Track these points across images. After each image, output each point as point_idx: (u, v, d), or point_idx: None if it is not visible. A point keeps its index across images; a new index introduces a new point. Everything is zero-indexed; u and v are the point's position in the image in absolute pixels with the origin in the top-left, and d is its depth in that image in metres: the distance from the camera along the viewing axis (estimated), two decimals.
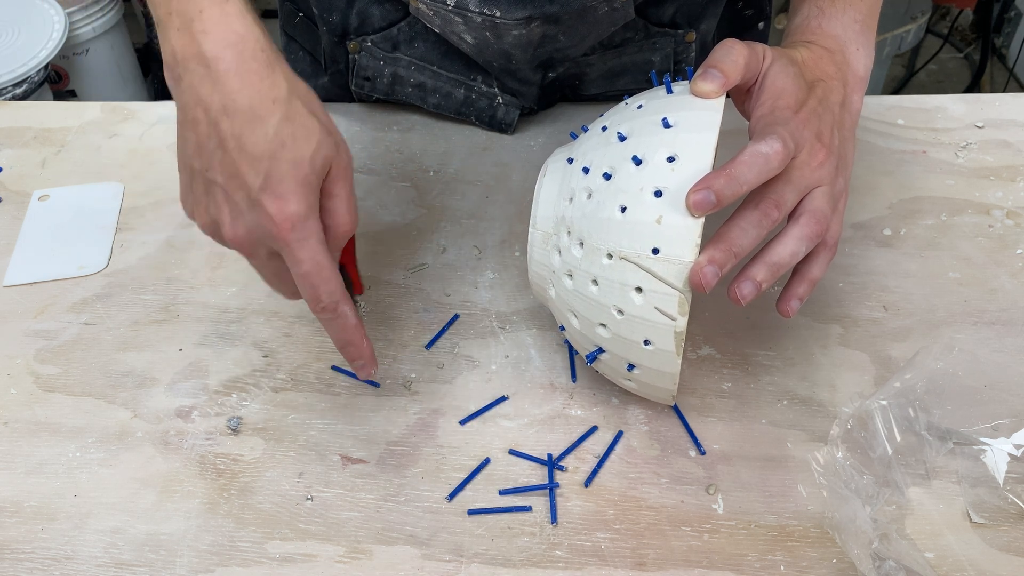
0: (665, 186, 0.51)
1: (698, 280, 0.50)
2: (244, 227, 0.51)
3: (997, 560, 0.55)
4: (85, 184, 0.82)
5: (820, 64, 0.59)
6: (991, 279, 0.71)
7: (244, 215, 0.51)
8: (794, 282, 0.57)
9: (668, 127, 0.53)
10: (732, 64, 0.54)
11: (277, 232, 0.50)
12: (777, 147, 0.50)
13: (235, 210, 0.51)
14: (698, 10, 0.80)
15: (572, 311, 0.57)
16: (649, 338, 0.53)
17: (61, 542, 0.58)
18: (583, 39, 0.77)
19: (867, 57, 0.62)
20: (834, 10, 0.62)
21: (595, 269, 0.54)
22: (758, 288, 0.53)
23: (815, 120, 0.55)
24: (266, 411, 0.65)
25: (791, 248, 0.54)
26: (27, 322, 0.71)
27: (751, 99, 0.57)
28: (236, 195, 0.50)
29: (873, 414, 0.58)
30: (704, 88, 0.53)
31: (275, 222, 0.50)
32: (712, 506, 0.58)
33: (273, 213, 0.49)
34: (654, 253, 0.51)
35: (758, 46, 0.56)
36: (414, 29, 0.80)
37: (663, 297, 0.52)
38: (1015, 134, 0.82)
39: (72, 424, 0.64)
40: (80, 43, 1.73)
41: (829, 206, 0.55)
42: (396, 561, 0.56)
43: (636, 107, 0.56)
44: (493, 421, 0.63)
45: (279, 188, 0.49)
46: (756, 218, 0.52)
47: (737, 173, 0.50)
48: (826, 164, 0.55)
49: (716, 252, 0.51)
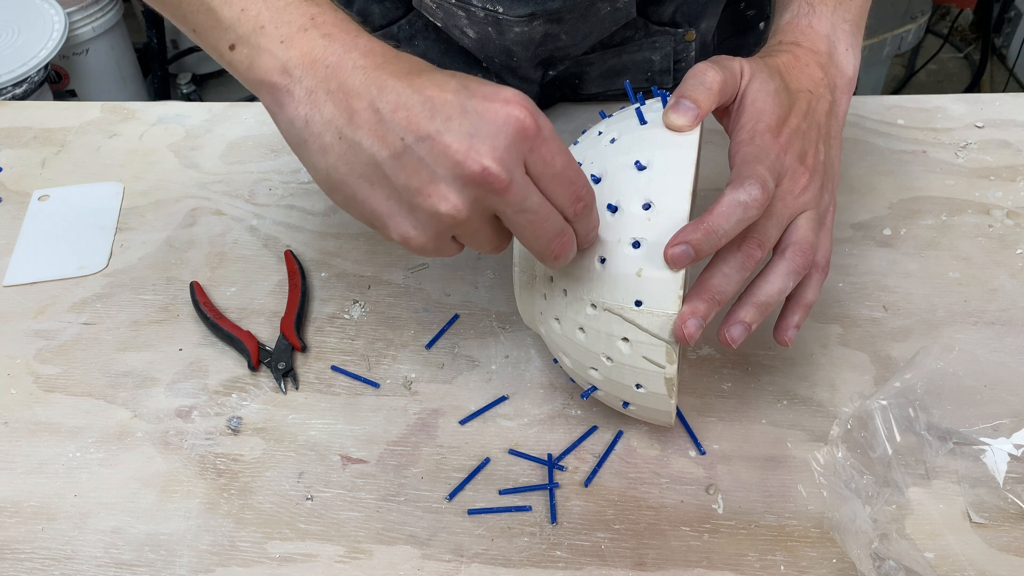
0: (643, 237, 0.50)
1: (681, 334, 0.50)
2: (461, 200, 0.45)
3: (997, 560, 0.55)
4: (85, 184, 0.82)
5: (806, 70, 0.58)
6: (991, 279, 0.71)
7: (455, 187, 0.45)
8: (789, 310, 0.56)
9: (642, 169, 0.51)
10: (705, 92, 0.52)
11: (498, 187, 0.44)
12: (756, 194, 0.49)
13: (445, 188, 0.45)
14: (698, 9, 0.80)
15: (563, 352, 0.57)
16: (640, 383, 0.53)
17: (61, 542, 0.58)
18: (584, 38, 0.77)
19: (855, 58, 0.61)
20: (825, 8, 0.61)
21: (580, 318, 0.53)
22: (748, 329, 0.53)
23: (798, 141, 0.54)
24: (266, 411, 0.65)
25: (778, 286, 0.53)
26: (27, 322, 0.71)
27: (730, 118, 0.56)
28: (439, 170, 0.45)
29: (873, 414, 0.58)
30: (677, 122, 0.51)
31: (491, 176, 0.44)
32: (712, 506, 0.58)
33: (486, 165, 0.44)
34: (637, 305, 0.51)
35: (735, 64, 0.55)
36: (414, 27, 0.80)
37: (650, 347, 0.51)
38: (1015, 134, 0.82)
39: (72, 424, 0.64)
40: (80, 43, 1.73)
41: (814, 232, 0.54)
42: (396, 561, 0.56)
43: (609, 140, 0.54)
44: (493, 421, 0.63)
45: (482, 147, 0.44)
46: (739, 261, 0.51)
47: (715, 226, 0.49)
48: (809, 187, 0.54)
49: (699, 304, 0.50)
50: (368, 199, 0.47)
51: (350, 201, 0.48)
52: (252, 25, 0.48)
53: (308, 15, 0.48)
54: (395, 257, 0.74)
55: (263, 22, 0.48)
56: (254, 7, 0.49)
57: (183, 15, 0.51)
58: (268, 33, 0.48)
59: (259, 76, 0.48)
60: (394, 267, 0.74)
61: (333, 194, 0.49)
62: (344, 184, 0.47)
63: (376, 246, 0.75)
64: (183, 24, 0.52)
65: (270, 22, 0.48)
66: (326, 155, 0.47)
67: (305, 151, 0.48)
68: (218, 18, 0.49)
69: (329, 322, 0.70)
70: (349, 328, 0.70)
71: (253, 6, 0.49)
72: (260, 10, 0.48)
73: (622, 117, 0.55)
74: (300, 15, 0.48)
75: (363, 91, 0.46)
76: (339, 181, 0.47)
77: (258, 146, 0.84)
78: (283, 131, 0.49)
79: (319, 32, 0.48)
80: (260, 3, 0.49)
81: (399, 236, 0.47)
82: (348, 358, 0.68)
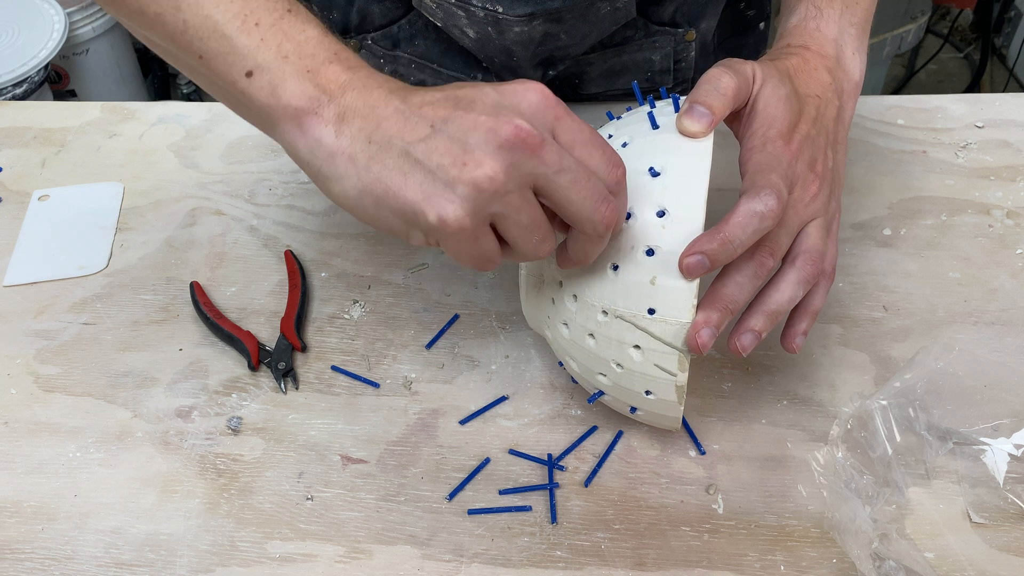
0: (657, 245, 0.50)
1: (695, 343, 0.50)
2: (498, 164, 0.44)
3: (997, 560, 0.55)
4: (85, 184, 0.82)
5: (815, 74, 0.58)
6: (991, 279, 0.71)
7: (489, 152, 0.44)
8: (796, 318, 0.56)
9: (656, 175, 0.51)
10: (720, 98, 0.52)
11: (533, 144, 0.44)
12: (772, 204, 0.49)
13: (480, 154, 0.44)
14: (698, 9, 0.80)
15: (571, 357, 0.57)
16: (650, 389, 0.53)
17: (61, 542, 0.58)
18: (584, 37, 0.77)
19: (862, 62, 0.61)
20: (832, 11, 0.61)
21: (591, 324, 0.53)
22: (758, 337, 0.53)
23: (808, 148, 0.54)
24: (266, 411, 0.65)
25: (788, 295, 0.53)
26: (27, 322, 0.71)
27: (741, 123, 0.56)
28: (472, 140, 0.45)
29: (873, 414, 0.58)
30: (691, 128, 0.51)
31: (524, 132, 0.44)
32: (712, 506, 0.58)
33: (519, 125, 0.44)
34: (650, 313, 0.50)
35: (747, 68, 0.54)
36: (414, 27, 0.80)
37: (662, 355, 0.51)
38: (1015, 134, 0.82)
39: (72, 424, 0.64)
40: (80, 43, 1.73)
41: (823, 240, 0.54)
42: (396, 561, 0.56)
43: (621, 144, 0.53)
44: (493, 421, 0.63)
45: (510, 114, 0.45)
46: (752, 270, 0.51)
47: (731, 236, 0.49)
48: (819, 195, 0.54)
49: (713, 313, 0.50)
50: (401, 189, 0.46)
51: (381, 201, 0.47)
52: (274, 54, 0.49)
53: (332, 51, 0.50)
54: (395, 257, 0.74)
55: (286, 52, 0.49)
56: (274, 38, 0.50)
57: (187, 41, 0.51)
58: (292, 63, 0.49)
59: (284, 101, 0.49)
60: (394, 267, 0.74)
61: (362, 201, 0.48)
62: (375, 183, 0.46)
63: (376, 246, 0.75)
64: (185, 51, 0.52)
65: (294, 53, 0.49)
66: (355, 163, 0.47)
67: (332, 166, 0.48)
68: (234, 45, 0.50)
69: (329, 322, 0.70)
70: (349, 328, 0.70)
71: (273, 37, 0.50)
72: (281, 41, 0.50)
73: (633, 120, 0.55)
74: (324, 50, 0.50)
75: (389, 102, 0.47)
76: (369, 183, 0.47)
77: (258, 146, 0.84)
78: (305, 155, 0.49)
79: (343, 66, 0.49)
80: (280, 35, 0.50)
81: (436, 217, 0.45)
82: (348, 358, 0.68)
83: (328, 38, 0.50)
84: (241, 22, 0.50)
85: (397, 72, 0.83)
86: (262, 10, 0.50)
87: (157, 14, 0.52)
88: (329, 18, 0.81)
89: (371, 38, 0.81)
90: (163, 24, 0.52)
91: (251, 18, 0.50)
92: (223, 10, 0.50)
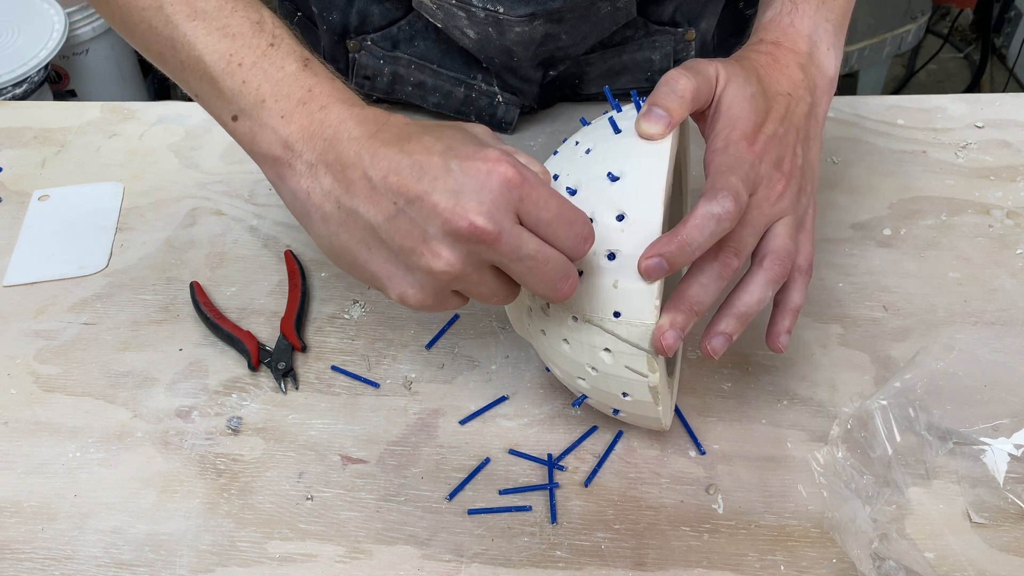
0: (617, 249, 0.50)
1: (660, 345, 0.50)
2: (455, 255, 0.47)
3: (997, 560, 0.55)
4: (85, 184, 0.82)
5: (785, 71, 0.57)
6: (991, 279, 0.71)
7: (446, 244, 0.47)
8: (778, 317, 0.57)
9: (615, 180, 0.51)
10: (677, 100, 0.52)
11: (488, 239, 0.45)
12: (728, 206, 0.49)
13: (437, 245, 0.47)
14: (698, 8, 0.80)
15: (552, 362, 0.57)
16: (626, 391, 0.53)
17: (61, 542, 0.58)
18: (585, 38, 0.77)
19: (837, 58, 0.61)
20: (808, 6, 0.60)
21: (563, 330, 0.53)
22: (729, 340, 0.53)
23: (774, 147, 0.54)
24: (266, 411, 0.65)
25: (757, 296, 0.53)
26: (27, 322, 0.71)
27: (706, 124, 0.55)
28: (430, 229, 0.46)
29: (873, 414, 0.58)
30: (649, 131, 0.51)
31: (478, 230, 0.45)
32: (712, 506, 0.58)
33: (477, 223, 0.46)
34: (616, 316, 0.51)
35: (709, 69, 0.54)
36: (414, 28, 0.80)
37: (631, 357, 0.51)
38: (1015, 134, 0.82)
39: (72, 424, 0.64)
40: (80, 43, 1.73)
41: (792, 239, 0.54)
42: (396, 561, 0.56)
43: (584, 151, 0.54)
44: (493, 421, 0.63)
45: (468, 203, 0.46)
46: (716, 271, 0.51)
47: (689, 238, 0.49)
48: (786, 194, 0.54)
49: (677, 315, 0.51)
50: (368, 262, 0.49)
51: (353, 266, 0.51)
52: (253, 99, 0.50)
53: (306, 87, 0.50)
54: None
55: (263, 95, 0.50)
56: (254, 79, 0.50)
57: (185, 80, 0.53)
58: (268, 107, 0.50)
59: (262, 150, 0.51)
60: None
61: (338, 260, 0.51)
62: (346, 250, 0.50)
63: None
64: (187, 88, 0.54)
65: (270, 95, 0.50)
66: (327, 223, 0.50)
67: (308, 221, 0.51)
68: (220, 89, 0.51)
69: (329, 322, 0.70)
70: (349, 328, 0.70)
71: (254, 78, 0.50)
72: (260, 83, 0.50)
73: (599, 125, 0.55)
74: (299, 87, 0.50)
75: (357, 161, 0.48)
76: (341, 247, 0.50)
77: None
78: (287, 202, 0.52)
79: (316, 105, 0.50)
80: (260, 75, 0.51)
81: (397, 296, 0.49)
82: (348, 358, 0.68)
83: (304, 72, 0.51)
84: (226, 63, 0.51)
85: (397, 73, 0.83)
86: (246, 48, 0.51)
87: (159, 53, 0.54)
88: (328, 19, 0.81)
89: (371, 39, 0.81)
90: (164, 63, 0.54)
91: (235, 58, 0.51)
92: (211, 50, 0.51)
